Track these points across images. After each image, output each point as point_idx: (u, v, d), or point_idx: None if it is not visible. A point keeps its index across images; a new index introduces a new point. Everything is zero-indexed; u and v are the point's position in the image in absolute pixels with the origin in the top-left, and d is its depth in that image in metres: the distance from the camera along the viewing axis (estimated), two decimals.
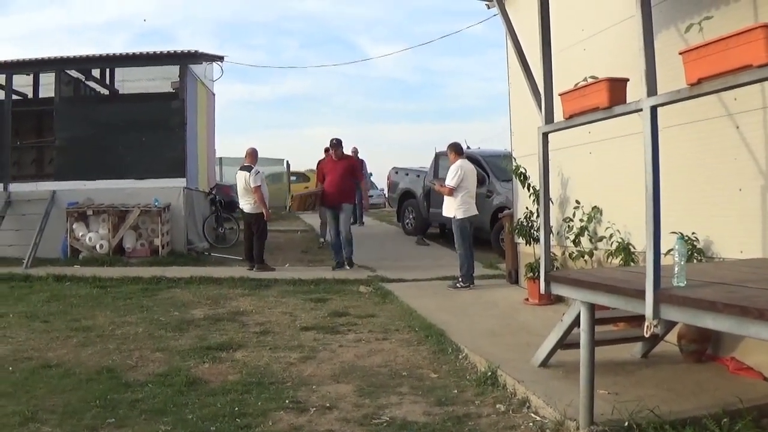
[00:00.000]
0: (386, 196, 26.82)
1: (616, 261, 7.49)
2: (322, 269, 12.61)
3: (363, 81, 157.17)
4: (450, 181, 10.72)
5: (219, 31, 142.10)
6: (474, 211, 10.91)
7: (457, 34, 70.73)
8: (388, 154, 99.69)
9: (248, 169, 12.82)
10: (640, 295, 4.03)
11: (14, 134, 15.87)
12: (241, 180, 12.79)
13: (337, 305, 9.47)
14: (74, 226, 14.04)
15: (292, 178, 30.41)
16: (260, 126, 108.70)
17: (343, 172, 12.93)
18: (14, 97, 16.14)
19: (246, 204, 12.84)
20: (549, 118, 5.40)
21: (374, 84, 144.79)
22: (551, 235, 6.05)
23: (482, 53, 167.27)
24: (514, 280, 10.87)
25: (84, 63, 16.20)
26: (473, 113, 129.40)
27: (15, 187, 15.07)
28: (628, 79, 4.57)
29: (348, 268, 12.70)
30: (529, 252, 9.85)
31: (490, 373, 5.78)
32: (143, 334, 7.82)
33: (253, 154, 13.20)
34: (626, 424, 4.45)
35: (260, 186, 12.66)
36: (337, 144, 13.04)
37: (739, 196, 5.92)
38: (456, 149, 11.09)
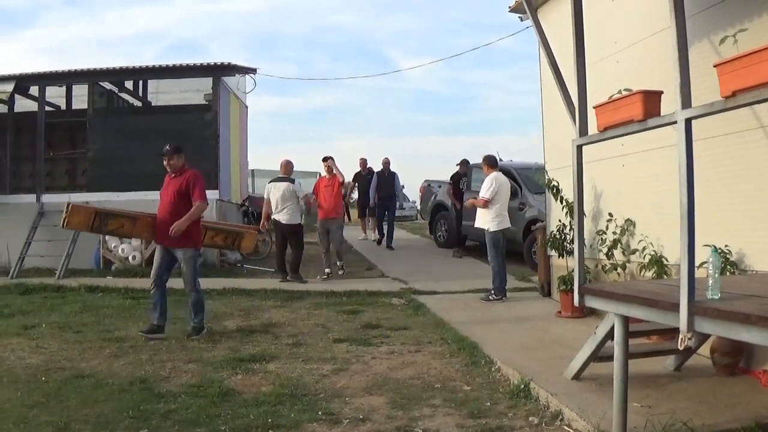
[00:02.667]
0: (418, 208, 26.81)
1: (649, 274, 7.43)
2: (354, 281, 12.59)
3: (395, 93, 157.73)
4: (485, 193, 10.70)
5: (250, 43, 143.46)
6: (507, 224, 10.90)
7: (489, 48, 70.82)
8: (420, 166, 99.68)
9: (291, 180, 12.89)
10: (675, 307, 4.00)
11: (47, 146, 16.17)
12: (280, 191, 12.72)
13: (369, 317, 9.48)
14: (107, 238, 14.14)
15: None
16: (292, 138, 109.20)
17: (173, 195, 8.37)
18: (47, 108, 16.40)
19: (282, 216, 12.74)
20: (583, 130, 5.38)
21: (406, 97, 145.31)
22: (584, 247, 6.03)
23: (513, 66, 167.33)
24: (547, 292, 10.83)
25: (117, 75, 16.47)
26: (504, 126, 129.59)
27: (48, 198, 15.29)
28: (662, 92, 4.54)
29: (195, 336, 8.24)
30: (561, 265, 9.79)
31: (523, 386, 5.77)
32: (176, 345, 7.88)
33: (287, 166, 13.24)
34: None
35: (307, 194, 12.93)
36: (171, 152, 8.40)
37: None
38: (490, 162, 11.09)
